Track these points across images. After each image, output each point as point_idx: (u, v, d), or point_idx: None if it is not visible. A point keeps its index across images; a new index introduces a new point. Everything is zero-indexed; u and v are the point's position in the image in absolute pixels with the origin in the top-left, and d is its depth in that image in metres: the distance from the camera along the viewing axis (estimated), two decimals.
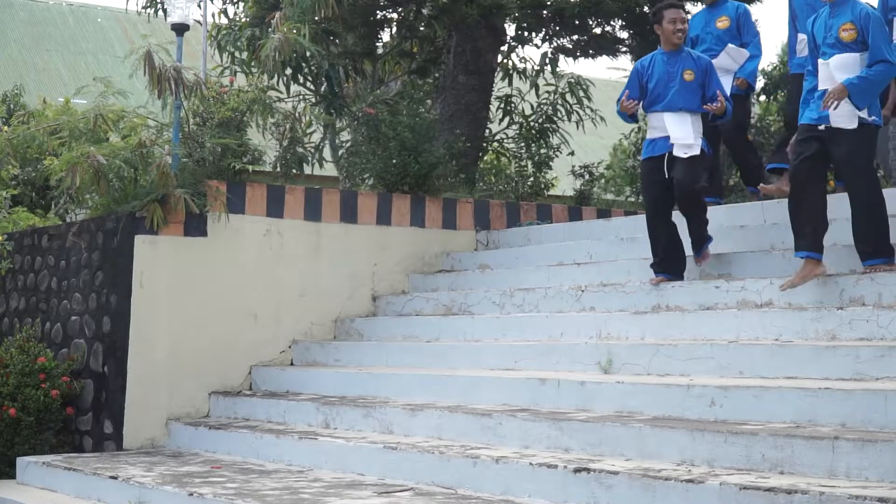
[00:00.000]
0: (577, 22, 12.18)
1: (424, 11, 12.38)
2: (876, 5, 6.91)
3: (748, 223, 7.60)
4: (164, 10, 12.35)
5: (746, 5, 8.37)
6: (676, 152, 7.01)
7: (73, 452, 8.12)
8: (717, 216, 7.98)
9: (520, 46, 13.40)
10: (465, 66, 12.06)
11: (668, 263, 7.12)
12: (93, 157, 8.08)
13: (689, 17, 8.29)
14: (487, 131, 13.25)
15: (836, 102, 6.03)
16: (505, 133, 14.01)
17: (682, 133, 7.04)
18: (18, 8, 24.33)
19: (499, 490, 5.39)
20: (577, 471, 5.04)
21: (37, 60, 22.88)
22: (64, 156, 8.44)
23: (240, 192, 8.52)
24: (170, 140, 8.51)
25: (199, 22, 10.99)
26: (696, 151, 6.98)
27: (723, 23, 8.13)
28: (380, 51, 13.36)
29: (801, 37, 7.85)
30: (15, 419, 7.87)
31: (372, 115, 10.02)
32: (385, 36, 13.42)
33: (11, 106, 15.00)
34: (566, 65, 26.37)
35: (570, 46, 13.09)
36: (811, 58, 6.45)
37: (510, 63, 13.79)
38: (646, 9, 12.06)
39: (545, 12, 12.23)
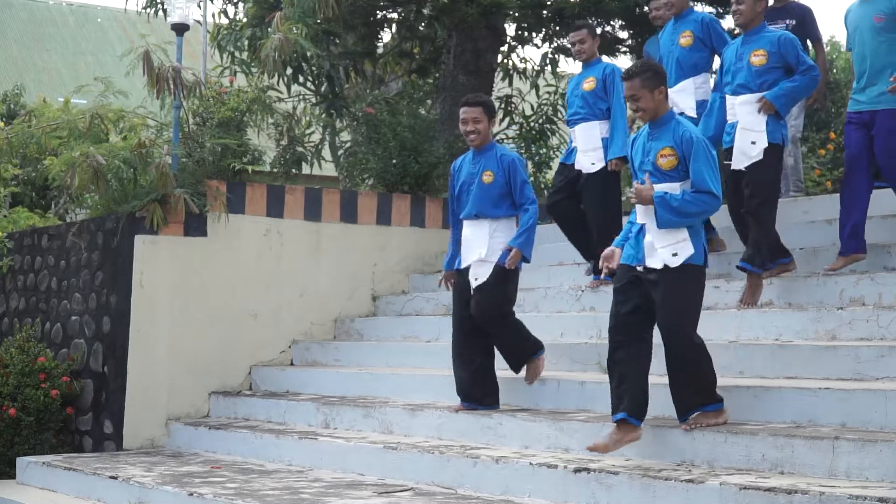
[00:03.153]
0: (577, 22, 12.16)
1: (424, 11, 12.37)
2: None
3: None
4: (164, 10, 12.34)
5: (616, 66, 7.49)
6: (470, 277, 6.23)
7: (73, 452, 8.12)
8: (717, 215, 7.96)
9: (520, 46, 13.39)
10: (465, 66, 12.05)
11: (475, 390, 6.24)
12: (92, 157, 8.08)
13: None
14: None
15: (640, 206, 5.21)
16: (505, 133, 13.99)
17: (476, 245, 6.20)
18: (18, 8, 24.33)
19: (499, 490, 5.39)
20: (577, 471, 5.05)
21: (37, 60, 22.88)
22: (63, 156, 8.45)
23: (240, 192, 8.52)
24: (169, 140, 8.52)
25: (199, 22, 10.98)
26: (484, 278, 6.13)
27: (589, 84, 7.41)
28: (380, 51, 13.36)
29: None
30: (15, 419, 7.87)
31: (372, 115, 10.02)
32: (385, 36, 13.42)
33: (11, 106, 14.99)
34: (566, 65, 26.37)
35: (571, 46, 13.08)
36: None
37: (510, 63, 13.78)
38: (645, 9, 12.05)
39: (545, 12, 12.21)
